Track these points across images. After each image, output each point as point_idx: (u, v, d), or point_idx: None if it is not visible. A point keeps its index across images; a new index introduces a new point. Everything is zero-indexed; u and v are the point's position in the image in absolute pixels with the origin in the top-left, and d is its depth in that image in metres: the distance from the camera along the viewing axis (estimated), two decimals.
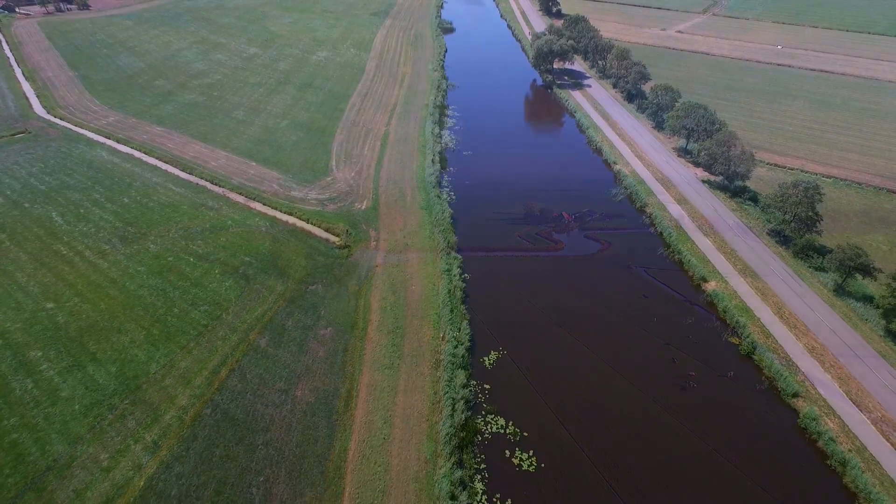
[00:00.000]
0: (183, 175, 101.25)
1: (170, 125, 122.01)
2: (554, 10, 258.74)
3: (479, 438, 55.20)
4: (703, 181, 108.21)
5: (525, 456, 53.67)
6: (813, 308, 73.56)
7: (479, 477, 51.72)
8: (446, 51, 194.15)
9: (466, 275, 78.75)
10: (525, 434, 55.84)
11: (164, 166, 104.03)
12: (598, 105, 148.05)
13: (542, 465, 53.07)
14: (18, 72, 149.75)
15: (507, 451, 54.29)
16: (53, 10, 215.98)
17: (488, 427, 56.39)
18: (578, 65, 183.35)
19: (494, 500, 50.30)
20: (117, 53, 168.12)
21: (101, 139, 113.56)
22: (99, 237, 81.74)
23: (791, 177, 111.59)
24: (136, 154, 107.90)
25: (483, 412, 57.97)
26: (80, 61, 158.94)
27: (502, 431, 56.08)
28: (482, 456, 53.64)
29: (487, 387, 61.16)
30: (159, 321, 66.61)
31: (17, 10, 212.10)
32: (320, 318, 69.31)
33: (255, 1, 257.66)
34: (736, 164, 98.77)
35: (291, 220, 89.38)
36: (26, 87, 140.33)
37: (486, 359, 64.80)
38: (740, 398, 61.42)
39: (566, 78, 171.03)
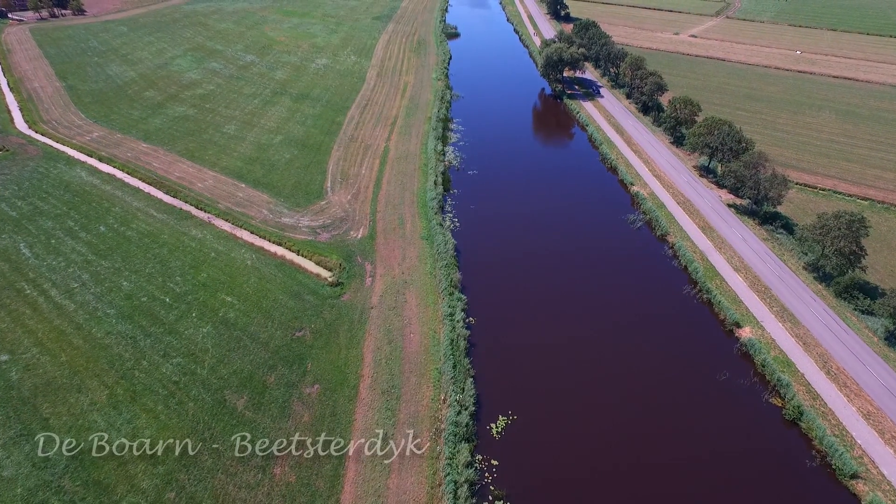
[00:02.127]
0: (166, 199, 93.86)
1: (157, 141, 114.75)
2: (562, 13, 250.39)
3: None
4: (729, 205, 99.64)
5: None
6: (863, 361, 64.99)
7: None
8: (451, 58, 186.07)
9: (471, 318, 70.66)
10: None
11: (146, 188, 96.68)
12: (611, 118, 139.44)
13: None
14: (3, 82, 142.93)
15: None
16: (47, 16, 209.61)
17: None
18: (590, 73, 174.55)
19: None
20: (109, 62, 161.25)
21: (83, 157, 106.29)
22: (68, 273, 74.36)
23: (823, 198, 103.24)
24: (119, 174, 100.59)
25: (490, 497, 49.90)
26: (69, 70, 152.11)
27: None
28: None
29: (495, 463, 53.03)
30: (125, 377, 59.11)
31: (9, 16, 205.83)
32: (307, 374, 61.55)
33: (255, 5, 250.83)
34: (766, 189, 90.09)
35: (280, 251, 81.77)
36: (10, 98, 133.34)
37: (493, 426, 56.69)
38: (791, 479, 53.03)
39: (577, 87, 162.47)
